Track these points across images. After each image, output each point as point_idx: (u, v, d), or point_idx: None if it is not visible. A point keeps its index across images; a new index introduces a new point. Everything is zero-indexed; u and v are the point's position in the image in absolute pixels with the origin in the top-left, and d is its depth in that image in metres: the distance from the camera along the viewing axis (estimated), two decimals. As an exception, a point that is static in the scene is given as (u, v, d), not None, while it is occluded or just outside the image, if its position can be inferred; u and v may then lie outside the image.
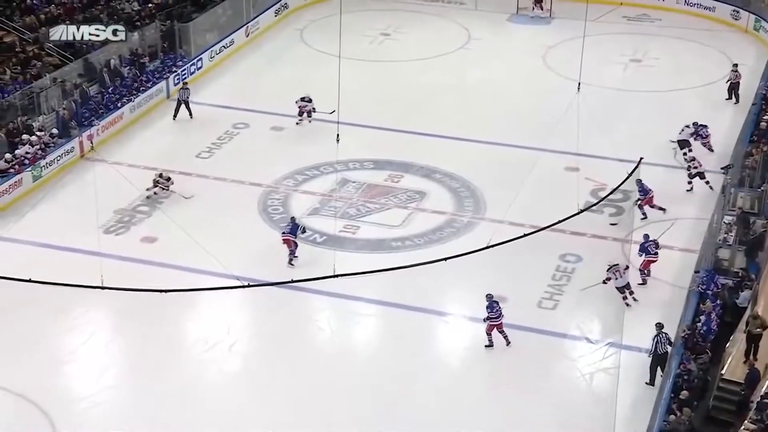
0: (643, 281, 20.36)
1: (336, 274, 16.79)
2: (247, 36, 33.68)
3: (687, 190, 23.63)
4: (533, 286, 20.35)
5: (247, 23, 33.69)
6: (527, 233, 19.00)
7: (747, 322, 16.85)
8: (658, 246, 20.49)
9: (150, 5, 32.24)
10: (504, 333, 18.63)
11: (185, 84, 28.74)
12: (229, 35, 32.72)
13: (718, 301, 18.63)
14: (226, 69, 31.77)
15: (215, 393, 17.67)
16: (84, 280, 16.54)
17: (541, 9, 35.76)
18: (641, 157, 20.24)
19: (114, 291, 16.85)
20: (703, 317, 18.10)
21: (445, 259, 17.40)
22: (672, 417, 15.72)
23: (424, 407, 17.22)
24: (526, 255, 20.48)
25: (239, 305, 20.03)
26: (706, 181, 23.68)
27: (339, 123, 24.23)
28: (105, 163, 24.03)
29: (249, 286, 17.24)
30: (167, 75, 29.34)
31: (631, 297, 19.55)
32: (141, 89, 28.44)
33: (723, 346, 17.49)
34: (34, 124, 25.43)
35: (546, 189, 23.65)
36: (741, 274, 19.60)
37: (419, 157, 25.69)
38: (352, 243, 22.08)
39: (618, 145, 25.00)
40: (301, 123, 27.28)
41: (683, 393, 16.18)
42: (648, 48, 33.03)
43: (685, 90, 29.91)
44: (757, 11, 34.39)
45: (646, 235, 20.72)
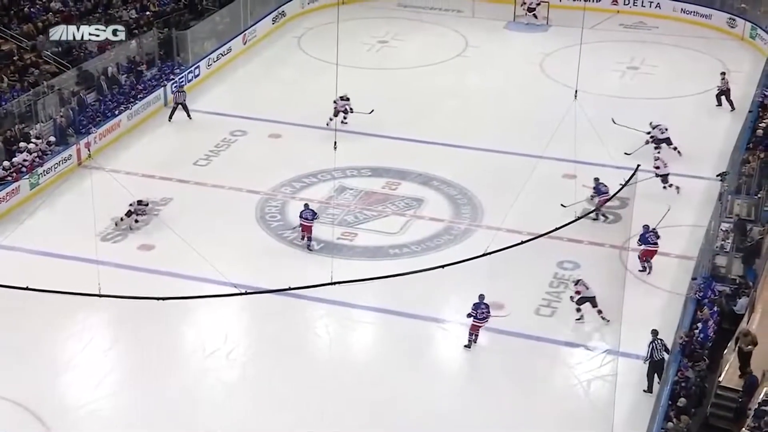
0: (644, 268, 20.70)
1: (334, 281, 16.76)
2: (245, 44, 33.72)
3: (664, 187, 23.83)
4: (531, 293, 20.37)
5: (245, 31, 33.74)
6: (525, 240, 18.99)
7: (737, 338, 16.82)
8: (658, 236, 20.71)
9: (148, 13, 32.31)
10: (476, 335, 18.83)
11: (181, 87, 28.81)
12: (227, 43, 32.77)
13: (715, 308, 18.64)
14: (223, 76, 31.80)
15: (213, 400, 17.65)
16: (81, 287, 16.49)
17: (535, 17, 35.81)
18: (638, 165, 20.27)
19: (112, 299, 16.80)
20: (701, 324, 18.11)
21: (443, 267, 17.37)
22: (670, 424, 15.73)
23: (422, 414, 17.20)
24: (523, 262, 20.48)
25: (237, 313, 20.03)
26: (669, 185, 23.89)
27: (336, 130, 24.28)
28: (102, 171, 24.04)
29: (247, 293, 17.22)
30: (165, 83, 29.37)
31: (577, 310, 19.54)
32: (138, 97, 28.47)
33: (720, 353, 17.51)
34: (31, 131, 25.44)
35: (543, 196, 23.67)
36: (738, 281, 19.63)
37: (417, 165, 25.72)
38: (350, 250, 22.09)
39: (615, 153, 25.04)
40: (332, 122, 26.49)
41: (681, 400, 16.19)
42: (645, 55, 33.11)
43: (682, 97, 29.98)
44: (753, 19, 34.49)
45: (645, 226, 20.93)
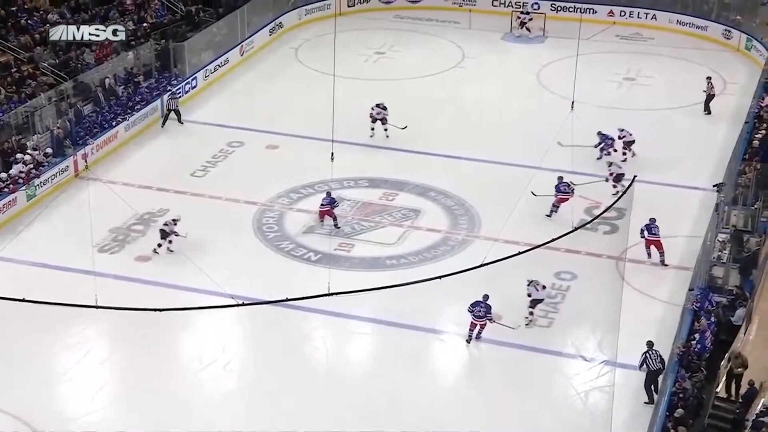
0: (649, 255, 21.52)
1: (331, 292, 16.75)
2: (242, 55, 33.77)
3: (613, 194, 23.74)
4: (528, 303, 20.32)
5: (242, 42, 33.79)
6: (522, 251, 18.99)
7: (728, 358, 16.79)
8: (658, 231, 21.48)
9: (145, 24, 32.32)
10: (479, 335, 19.08)
11: (174, 94, 28.90)
12: (224, 54, 32.81)
13: (712, 319, 18.65)
14: (220, 88, 31.83)
15: (210, 411, 17.58)
16: (78, 299, 16.47)
17: (528, 31, 35.85)
18: (635, 175, 20.34)
19: (108, 310, 16.79)
20: (698, 335, 18.11)
21: (440, 278, 17.38)
22: (667, 435, 15.71)
23: (419, 425, 17.15)
24: (520, 273, 20.46)
25: (234, 324, 20.00)
26: (621, 185, 23.92)
27: (333, 141, 24.27)
28: (99, 182, 24.03)
29: (244, 304, 17.18)
30: (162, 94, 29.40)
31: (531, 315, 19.76)
32: (136, 108, 28.48)
33: (718, 364, 17.50)
34: (28, 143, 25.43)
35: (540, 207, 23.68)
36: (735, 291, 19.63)
37: (414, 175, 25.73)
38: (347, 261, 22.08)
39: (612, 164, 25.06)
40: (374, 132, 27.18)
41: (678, 411, 16.16)
42: (641, 67, 33.20)
43: (679, 108, 30.05)
44: (749, 31, 34.63)
45: (652, 219, 21.56)
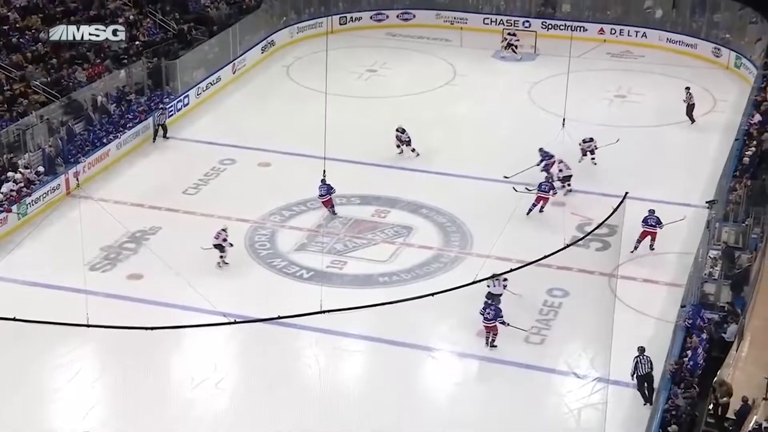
0: (636, 248, 22.50)
1: (323, 309, 16.71)
2: (234, 73, 33.82)
3: (564, 194, 24.98)
4: (520, 320, 20.30)
5: (234, 60, 33.84)
6: (514, 268, 19.00)
7: (713, 388, 16.75)
8: (659, 223, 22.53)
9: (137, 42, 32.36)
10: (491, 337, 19.38)
11: (164, 110, 29.00)
12: (216, 72, 32.85)
13: (704, 336, 18.65)
14: (212, 106, 31.86)
15: (202, 430, 17.51)
16: (69, 317, 16.38)
17: (514, 52, 35.95)
18: (626, 192, 20.33)
19: (100, 329, 16.70)
20: (690, 352, 18.10)
21: (433, 294, 17.35)
22: (661, 452, 15.68)
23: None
24: (513, 289, 20.48)
25: (226, 342, 19.91)
26: (568, 186, 25.14)
27: (325, 159, 24.30)
28: (91, 200, 23.97)
29: (236, 322, 17.13)
30: (154, 112, 29.40)
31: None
32: (127, 126, 28.48)
33: (710, 380, 17.48)
34: (19, 161, 25.37)
35: (532, 224, 23.70)
36: (727, 308, 19.65)
37: (406, 193, 25.75)
38: (339, 278, 22.05)
39: (603, 180, 25.14)
40: (402, 152, 27.65)
41: (672, 428, 16.14)
42: (632, 84, 33.34)
43: (670, 125, 30.17)
44: (738, 49, 34.85)
45: (651, 210, 22.71)
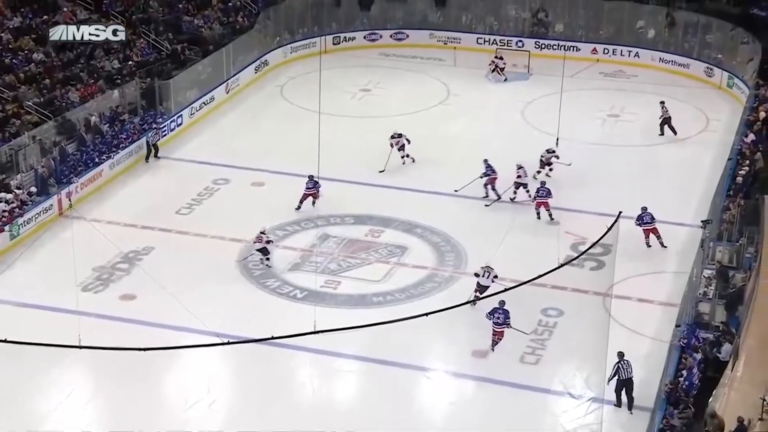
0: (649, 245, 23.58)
1: (317, 330, 16.68)
2: (228, 93, 33.88)
3: (511, 198, 25.76)
4: (515, 340, 20.28)
5: (228, 80, 33.91)
6: (508, 287, 19.02)
7: (705, 421, 16.70)
8: (653, 218, 23.51)
9: (130, 63, 32.42)
10: (497, 341, 19.81)
11: (157, 128, 29.12)
12: (210, 92, 32.91)
13: (699, 356, 18.64)
14: (206, 125, 31.90)
15: (195, 453, 17.44)
16: (61, 339, 16.33)
17: (500, 74, 36.07)
18: (620, 211, 20.39)
19: (92, 350, 16.63)
20: (685, 372, 18.09)
21: (427, 314, 17.34)
22: (656, 473, 15.62)
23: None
24: (519, 327, 20.38)
25: (219, 363, 19.85)
26: (526, 191, 25.60)
27: (319, 178, 24.34)
28: (83, 221, 23.93)
29: (229, 343, 17.06)
30: (147, 132, 29.41)
31: (475, 296, 20.96)
32: (121, 146, 28.48)
33: (706, 400, 17.44)
34: (12, 182, 25.34)
35: (526, 243, 23.73)
36: (722, 327, 19.63)
37: (400, 212, 25.76)
38: (333, 298, 22.01)
39: (597, 200, 25.20)
40: (406, 158, 28.24)
41: (667, 448, 16.10)
42: (625, 104, 33.48)
43: (663, 145, 30.29)
44: (730, 69, 35.05)
45: (643, 208, 23.51)
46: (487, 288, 20.96)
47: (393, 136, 28.21)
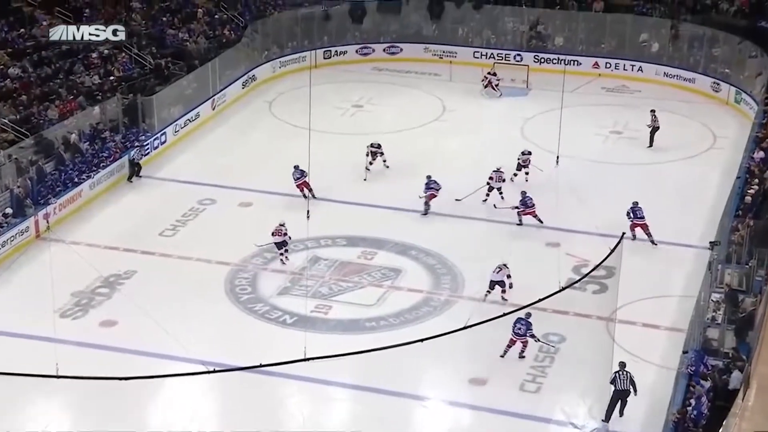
0: (633, 237, 24.48)
1: (307, 357, 16.66)
2: (214, 109, 33.95)
3: (483, 200, 26.95)
4: (514, 367, 20.27)
5: (214, 96, 33.99)
6: (507, 312, 19.02)
7: None
8: (643, 215, 24.65)
9: (111, 78, 32.47)
10: (522, 354, 20.53)
11: (140, 146, 29.18)
12: (195, 108, 32.96)
13: (708, 384, 18.61)
14: (191, 143, 31.93)
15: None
16: (38, 368, 16.27)
17: (494, 89, 36.21)
18: (623, 233, 20.44)
19: (70, 380, 16.55)
20: (694, 401, 18.05)
21: (422, 340, 17.34)
22: (664, 506, 15.56)
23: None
24: (507, 335, 20.45)
25: (205, 392, 19.76)
26: (499, 194, 26.90)
27: (309, 198, 24.35)
28: (62, 243, 23.89)
29: (215, 371, 17.02)
30: (129, 150, 29.41)
31: (502, 294, 22.40)
32: (101, 165, 28.47)
33: (715, 431, 17.41)
34: (-14, 203, 25.33)
35: (526, 265, 23.72)
36: (731, 354, 19.61)
37: (394, 233, 25.77)
38: (324, 324, 21.97)
39: (599, 220, 25.23)
40: (384, 165, 29.26)
41: (675, 481, 16.05)
42: (628, 119, 33.59)
43: (668, 163, 30.38)
44: (738, 83, 35.21)
45: (635, 202, 24.77)
46: (498, 283, 22.22)
47: (372, 145, 28.99)
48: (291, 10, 39.53)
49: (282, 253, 24.06)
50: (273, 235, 23.98)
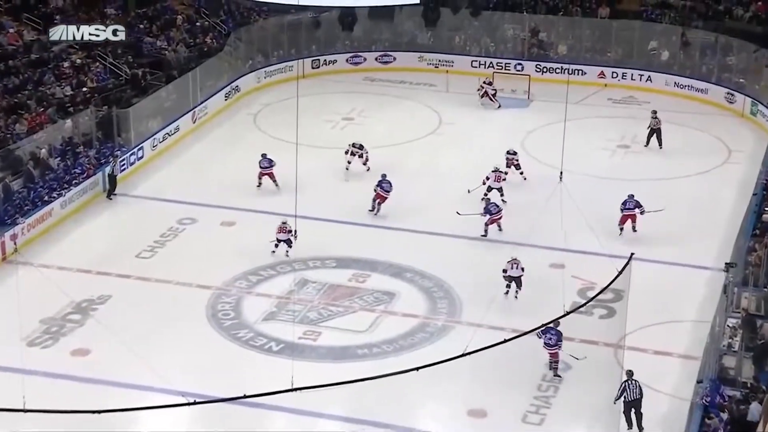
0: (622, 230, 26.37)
1: (295, 387, 16.62)
2: (194, 122, 33.98)
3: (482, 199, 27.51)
4: (517, 398, 20.24)
5: (194, 108, 34.03)
6: (508, 338, 18.97)
7: None
8: (639, 206, 26.29)
9: (84, 89, 32.48)
10: (554, 365, 20.86)
11: (115, 157, 29.35)
12: (174, 121, 32.99)
13: (725, 415, 18.57)
14: (170, 159, 31.94)
15: None
16: (4, 401, 16.19)
17: (491, 100, 36.32)
18: (632, 253, 20.48)
19: (39, 413, 16.47)
20: (709, 433, 18.04)
21: (418, 369, 17.32)
22: None
23: None
24: (508, 363, 20.41)
25: (186, 425, 19.60)
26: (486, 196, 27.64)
27: (297, 217, 24.29)
28: (30, 267, 23.80)
29: (195, 403, 16.96)
30: (104, 165, 29.39)
31: (515, 291, 23.49)
32: (74, 183, 28.43)
33: (732, 465, 17.39)
34: (-50, 223, 25.27)
35: (529, 288, 23.72)
36: (750, 384, 19.59)
37: (387, 254, 25.76)
38: (312, 351, 21.93)
39: (606, 240, 25.25)
40: (365, 167, 30.21)
41: None
42: (636, 132, 33.68)
43: (679, 178, 30.44)
44: (754, 94, 35.29)
45: (630, 195, 26.37)
46: (515, 279, 23.36)
47: (354, 145, 30.11)
48: (277, 16, 39.58)
49: (287, 252, 25.16)
50: (278, 233, 25.21)
